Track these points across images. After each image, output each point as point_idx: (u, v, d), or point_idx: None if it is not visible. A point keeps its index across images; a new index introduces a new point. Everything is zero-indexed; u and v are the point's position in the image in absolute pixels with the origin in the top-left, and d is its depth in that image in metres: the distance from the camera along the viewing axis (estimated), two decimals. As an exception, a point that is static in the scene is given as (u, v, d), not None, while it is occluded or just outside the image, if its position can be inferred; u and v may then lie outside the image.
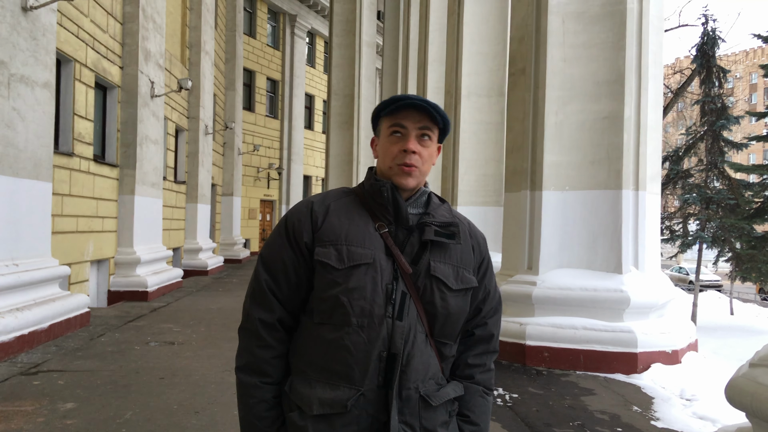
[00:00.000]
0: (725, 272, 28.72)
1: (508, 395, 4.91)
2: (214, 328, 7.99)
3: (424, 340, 1.50)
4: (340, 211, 1.56)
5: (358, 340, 1.46)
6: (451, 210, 1.65)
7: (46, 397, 4.71)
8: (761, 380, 2.23)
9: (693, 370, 5.71)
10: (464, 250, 1.60)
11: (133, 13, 10.56)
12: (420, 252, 1.53)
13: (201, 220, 16.10)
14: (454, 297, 1.54)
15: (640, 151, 6.29)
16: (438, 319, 1.52)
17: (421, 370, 1.49)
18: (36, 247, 6.88)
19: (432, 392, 1.50)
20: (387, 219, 1.53)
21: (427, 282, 1.51)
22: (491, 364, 1.68)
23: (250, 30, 25.21)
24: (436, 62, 11.98)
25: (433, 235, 1.53)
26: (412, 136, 1.52)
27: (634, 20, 6.20)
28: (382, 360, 1.45)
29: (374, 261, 1.48)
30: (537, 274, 6.25)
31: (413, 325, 1.48)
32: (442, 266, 1.54)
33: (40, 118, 6.84)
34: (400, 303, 1.48)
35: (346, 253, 1.49)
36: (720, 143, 22.28)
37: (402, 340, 1.46)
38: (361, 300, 1.46)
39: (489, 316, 1.67)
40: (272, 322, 1.56)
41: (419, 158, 1.52)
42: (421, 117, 1.51)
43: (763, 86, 73.93)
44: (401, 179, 1.52)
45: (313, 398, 1.47)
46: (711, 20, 22.62)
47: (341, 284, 1.47)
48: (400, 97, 1.52)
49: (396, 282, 1.49)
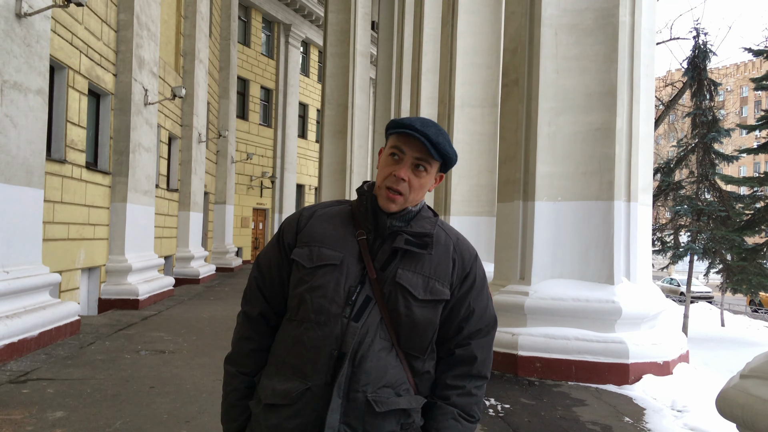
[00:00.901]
0: (716, 284, 28.83)
1: (500, 406, 4.91)
2: (205, 336, 7.96)
3: (385, 347, 1.52)
4: (324, 217, 1.65)
5: (312, 336, 1.51)
6: (440, 224, 1.66)
7: (35, 405, 4.67)
8: (752, 391, 2.24)
9: (684, 381, 5.72)
10: (441, 261, 1.59)
11: (127, 20, 10.56)
12: (390, 259, 1.56)
13: (193, 228, 16.04)
14: (420, 307, 1.53)
15: (632, 162, 6.33)
16: (402, 327, 1.53)
17: (374, 375, 1.49)
18: (27, 255, 6.84)
19: (381, 399, 1.49)
20: (367, 227, 1.59)
21: (392, 289, 1.53)
22: (473, 388, 1.61)
23: (244, 39, 25.27)
24: (429, 72, 12.03)
25: (403, 244, 1.55)
26: (407, 164, 1.54)
27: (626, 33, 6.26)
28: (333, 358, 1.49)
29: (341, 263, 1.54)
30: (529, 285, 6.26)
31: (372, 329, 1.51)
32: (410, 275, 1.55)
33: (32, 124, 6.82)
34: (361, 306, 1.52)
35: (316, 254, 1.56)
36: (711, 155, 22.42)
37: (353, 341, 1.48)
38: (321, 298, 1.52)
39: (474, 337, 1.61)
40: (254, 316, 1.67)
41: (407, 186, 1.54)
42: (421, 148, 1.52)
43: (753, 99, 74.55)
44: (383, 202, 1.56)
45: (268, 388, 1.56)
46: (702, 34, 22.81)
47: (308, 282, 1.55)
48: (409, 123, 1.54)
49: (361, 286, 1.53)
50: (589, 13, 6.27)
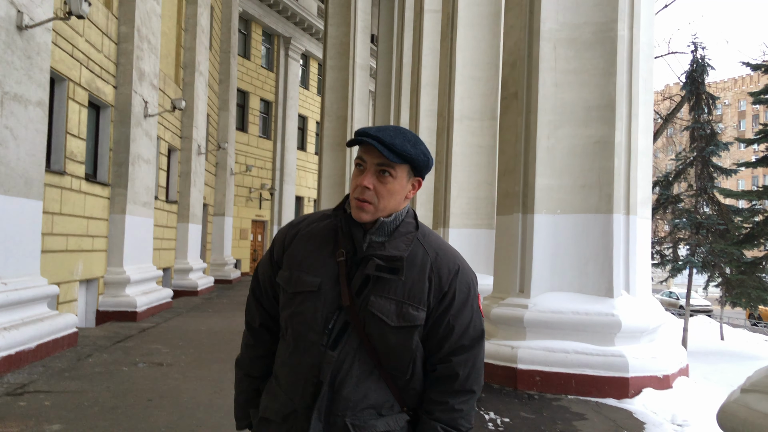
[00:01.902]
0: (715, 297, 28.80)
1: (499, 419, 4.88)
2: (203, 349, 7.92)
3: (366, 371, 1.53)
4: (308, 236, 1.63)
5: (295, 362, 1.57)
6: (419, 238, 1.60)
7: (31, 418, 4.64)
8: (753, 406, 2.23)
9: (684, 395, 5.70)
10: (414, 284, 1.53)
11: (128, 33, 10.61)
12: (363, 285, 1.53)
13: (192, 240, 16.02)
14: (393, 333, 1.51)
15: (631, 175, 6.34)
16: (380, 351, 1.53)
17: (353, 399, 1.51)
18: (25, 266, 6.82)
19: (361, 422, 1.50)
20: (347, 248, 1.57)
21: (366, 315, 1.52)
22: (457, 404, 1.57)
23: (244, 51, 25.38)
24: (429, 86, 12.07)
25: (374, 270, 1.52)
26: (370, 172, 1.52)
27: (625, 47, 6.29)
28: (313, 384, 1.52)
29: (319, 290, 1.54)
30: (529, 298, 6.24)
31: (350, 356, 1.51)
32: (382, 301, 1.51)
33: (32, 136, 6.83)
34: (338, 333, 1.52)
35: (295, 279, 1.58)
36: (709, 169, 22.50)
37: (329, 369, 1.50)
38: (299, 325, 1.56)
39: (456, 353, 1.57)
40: (255, 326, 1.75)
41: (374, 194, 1.51)
42: (378, 153, 1.49)
43: (751, 113, 74.83)
44: (355, 213, 1.55)
45: (265, 402, 1.65)
46: (700, 48, 22.98)
47: (290, 307, 1.58)
48: (364, 131, 1.51)
49: (339, 312, 1.53)
50: (588, 27, 6.30)
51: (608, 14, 6.22)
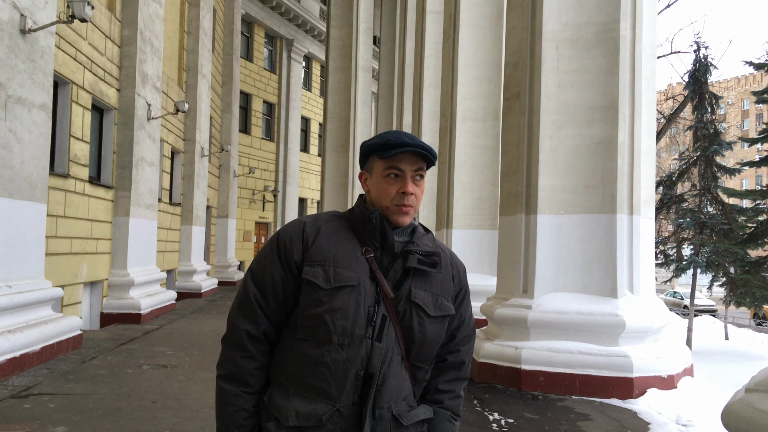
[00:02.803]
0: (720, 297, 28.71)
1: (503, 420, 4.88)
2: (207, 351, 7.93)
3: (399, 363, 1.57)
4: (330, 233, 1.62)
5: (337, 358, 1.52)
6: (435, 240, 1.72)
7: (36, 420, 4.65)
8: (757, 405, 2.23)
9: (689, 395, 5.68)
10: (445, 278, 1.66)
11: (131, 36, 10.64)
12: (402, 278, 1.60)
13: (195, 242, 16.06)
14: (431, 323, 1.60)
15: (634, 175, 6.33)
16: (415, 343, 1.59)
17: (395, 390, 1.55)
18: (29, 269, 6.84)
19: (404, 413, 1.57)
20: (374, 244, 1.61)
21: (407, 307, 1.58)
22: (461, 391, 1.74)
23: (247, 54, 25.42)
24: (431, 87, 12.06)
25: (417, 263, 1.60)
26: (409, 179, 1.58)
27: (628, 47, 6.28)
28: (359, 378, 1.52)
29: (359, 284, 1.55)
30: (532, 298, 6.23)
31: (391, 348, 1.55)
32: (423, 293, 1.60)
33: (36, 139, 6.85)
34: (380, 325, 1.55)
35: (332, 274, 1.55)
36: (713, 168, 22.46)
37: (379, 361, 1.53)
38: (343, 320, 1.52)
39: (462, 343, 1.72)
40: (257, 335, 1.62)
41: (415, 198, 1.59)
42: (417, 160, 1.58)
43: (755, 112, 74.68)
44: (399, 218, 1.60)
45: (290, 410, 1.54)
46: (703, 47, 22.93)
47: (326, 303, 1.53)
48: (395, 141, 1.57)
49: (378, 305, 1.56)
50: (591, 27, 6.29)
51: (611, 14, 6.22)
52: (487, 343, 6.35)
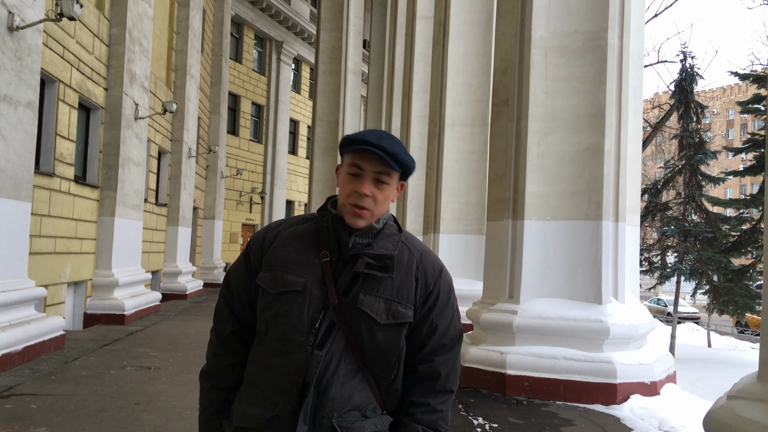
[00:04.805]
0: (703, 305, 28.99)
1: (488, 425, 4.89)
2: (191, 353, 7.88)
3: (351, 371, 1.53)
4: (290, 238, 1.62)
5: (279, 364, 1.53)
6: (404, 240, 1.63)
7: (18, 420, 4.60)
8: (739, 412, 2.25)
9: (672, 401, 5.73)
10: (403, 283, 1.56)
11: (119, 35, 10.58)
12: (351, 284, 1.54)
13: (181, 243, 15.96)
14: (382, 331, 1.52)
15: (620, 183, 6.38)
16: (367, 351, 1.53)
17: (339, 400, 1.50)
18: (12, 268, 6.77)
19: (348, 424, 1.50)
20: (331, 248, 1.57)
21: (354, 314, 1.52)
22: (437, 404, 1.60)
23: (236, 55, 25.35)
24: (420, 91, 12.09)
25: (364, 268, 1.53)
26: (368, 179, 1.53)
27: (615, 56, 6.34)
28: (298, 386, 1.50)
29: (304, 289, 1.53)
30: (518, 303, 6.26)
31: (336, 356, 1.51)
32: (372, 299, 1.53)
33: (22, 137, 6.79)
34: (325, 333, 1.51)
35: (279, 279, 1.56)
36: (698, 177, 22.68)
37: (317, 369, 1.49)
38: (284, 326, 1.52)
39: (438, 353, 1.60)
40: (226, 335, 1.67)
41: (372, 201, 1.53)
42: (380, 161, 1.51)
43: (739, 122, 75.50)
44: (351, 219, 1.54)
45: (239, 411, 1.59)
46: (689, 57, 23.18)
47: (272, 309, 1.55)
48: (362, 138, 1.52)
49: (325, 311, 1.52)
50: (579, 35, 6.35)
51: (599, 23, 6.27)
52: (472, 348, 6.36)
